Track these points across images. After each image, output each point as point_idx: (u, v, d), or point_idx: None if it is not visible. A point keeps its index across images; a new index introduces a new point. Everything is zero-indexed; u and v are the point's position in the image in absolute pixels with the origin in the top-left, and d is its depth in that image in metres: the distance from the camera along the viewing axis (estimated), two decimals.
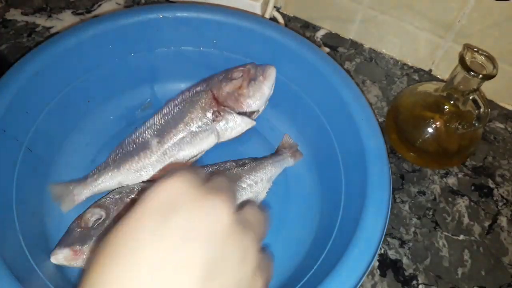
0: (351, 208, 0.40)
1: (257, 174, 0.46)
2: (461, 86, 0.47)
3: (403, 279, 0.45)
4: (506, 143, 0.56)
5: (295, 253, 0.43)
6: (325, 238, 0.40)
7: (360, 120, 0.42)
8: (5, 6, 0.62)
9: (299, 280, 0.38)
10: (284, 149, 0.50)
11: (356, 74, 0.60)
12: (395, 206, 0.49)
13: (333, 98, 0.44)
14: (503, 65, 0.50)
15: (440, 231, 0.48)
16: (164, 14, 0.48)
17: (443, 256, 0.46)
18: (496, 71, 0.44)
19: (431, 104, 0.51)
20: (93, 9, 0.63)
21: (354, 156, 0.41)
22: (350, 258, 0.34)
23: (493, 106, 0.59)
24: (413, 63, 0.62)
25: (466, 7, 0.52)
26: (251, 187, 0.45)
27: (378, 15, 0.58)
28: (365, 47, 0.63)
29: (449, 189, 0.51)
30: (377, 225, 0.36)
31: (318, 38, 0.63)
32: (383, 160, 0.40)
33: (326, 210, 0.45)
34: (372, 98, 0.58)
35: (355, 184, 0.41)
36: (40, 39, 0.59)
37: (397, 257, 0.46)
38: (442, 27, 0.55)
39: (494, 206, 0.50)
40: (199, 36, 0.50)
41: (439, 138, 0.50)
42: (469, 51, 0.45)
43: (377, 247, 0.35)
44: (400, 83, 0.60)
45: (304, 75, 0.47)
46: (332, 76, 0.45)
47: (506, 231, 0.49)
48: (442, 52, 0.58)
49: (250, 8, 0.59)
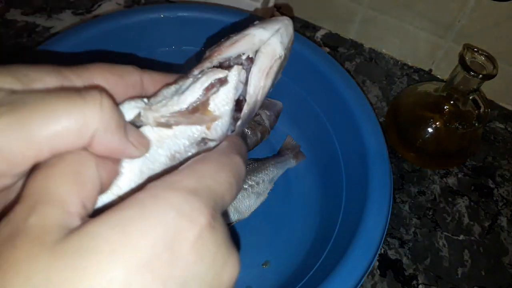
0: (352, 208, 0.40)
1: (259, 175, 0.46)
2: (461, 86, 0.47)
3: (403, 279, 0.45)
4: (506, 143, 0.56)
5: (296, 253, 0.43)
6: (326, 238, 0.40)
7: (361, 121, 0.42)
8: (5, 6, 0.62)
9: (300, 279, 0.38)
10: (286, 150, 0.50)
11: (356, 74, 0.60)
12: (395, 206, 0.49)
13: (335, 99, 0.44)
14: (503, 65, 0.50)
15: (440, 231, 0.48)
16: (165, 14, 0.48)
17: (443, 256, 0.46)
18: (496, 71, 0.44)
19: (431, 104, 0.51)
20: (93, 9, 0.63)
21: (355, 157, 0.42)
22: (350, 258, 0.34)
23: (493, 106, 0.59)
24: (413, 63, 0.62)
25: (466, 7, 0.52)
26: (252, 188, 0.45)
27: (378, 15, 0.58)
28: (365, 47, 0.63)
29: (449, 189, 0.51)
30: (378, 225, 0.36)
31: (318, 38, 0.63)
32: (384, 161, 0.40)
33: (327, 210, 0.45)
34: (372, 98, 0.58)
35: (356, 184, 0.41)
36: (40, 39, 0.58)
37: (397, 257, 0.46)
38: (442, 27, 0.55)
39: (494, 206, 0.51)
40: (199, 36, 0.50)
41: (439, 138, 0.50)
42: (469, 51, 0.45)
43: (377, 247, 0.35)
44: (400, 83, 0.60)
45: (306, 76, 0.47)
46: (334, 76, 0.45)
47: (506, 231, 0.49)
48: (442, 52, 0.58)
49: (250, 8, 0.59)
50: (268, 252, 0.44)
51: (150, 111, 0.20)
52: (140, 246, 0.15)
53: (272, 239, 0.45)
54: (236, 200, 0.44)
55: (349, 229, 0.37)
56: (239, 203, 0.44)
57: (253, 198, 0.44)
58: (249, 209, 0.44)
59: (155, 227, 0.15)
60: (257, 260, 0.43)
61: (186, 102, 0.20)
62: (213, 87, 0.21)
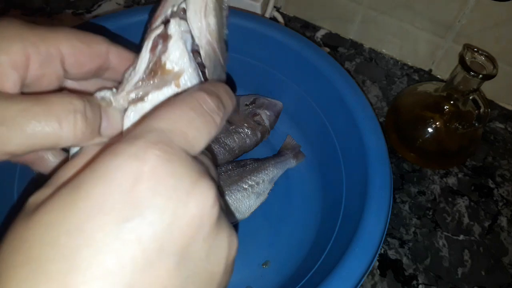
0: (352, 208, 0.40)
1: (259, 175, 0.46)
2: (461, 86, 0.47)
3: (403, 279, 0.45)
4: (506, 143, 0.56)
5: (296, 253, 0.43)
6: (326, 238, 0.40)
7: (361, 121, 0.42)
8: (5, 6, 0.62)
9: (300, 279, 0.38)
10: (286, 150, 0.50)
11: (356, 74, 0.60)
12: (395, 206, 0.49)
13: (335, 99, 0.44)
14: (503, 65, 0.51)
15: (440, 231, 0.48)
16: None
17: (443, 256, 0.46)
18: (496, 71, 0.44)
19: (431, 104, 0.51)
20: (93, 9, 0.63)
21: (355, 157, 0.42)
22: (350, 258, 0.34)
23: (493, 106, 0.59)
24: (413, 63, 0.62)
25: (466, 7, 0.52)
26: (252, 188, 0.45)
27: (378, 15, 0.58)
28: (365, 47, 0.63)
29: (449, 189, 0.51)
30: (378, 225, 0.36)
31: (318, 38, 0.63)
32: (384, 161, 0.40)
33: (327, 210, 0.45)
34: (372, 98, 0.58)
35: (356, 184, 0.41)
36: None
37: (397, 257, 0.46)
38: (442, 27, 0.55)
39: (494, 206, 0.51)
40: None
41: (439, 138, 0.50)
42: (469, 51, 0.45)
43: (377, 247, 0.35)
44: (400, 83, 0.60)
45: (306, 76, 0.47)
46: (334, 77, 0.45)
47: (506, 231, 0.49)
48: (442, 52, 0.58)
49: (250, 8, 0.59)
50: (268, 252, 0.44)
51: (117, 94, 0.21)
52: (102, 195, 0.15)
53: (272, 239, 0.45)
54: (236, 200, 0.44)
55: (349, 229, 0.37)
56: (239, 203, 0.44)
57: (253, 198, 0.44)
58: (249, 209, 0.44)
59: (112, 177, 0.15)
60: (257, 260, 0.43)
61: (141, 70, 0.21)
62: (157, 45, 0.21)
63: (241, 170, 0.46)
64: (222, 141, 0.47)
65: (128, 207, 0.15)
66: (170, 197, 0.16)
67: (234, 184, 0.44)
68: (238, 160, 0.48)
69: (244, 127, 0.48)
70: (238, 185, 0.44)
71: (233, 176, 0.45)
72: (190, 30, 0.22)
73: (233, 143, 0.47)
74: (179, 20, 0.22)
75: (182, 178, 0.16)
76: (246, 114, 0.49)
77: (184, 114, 0.18)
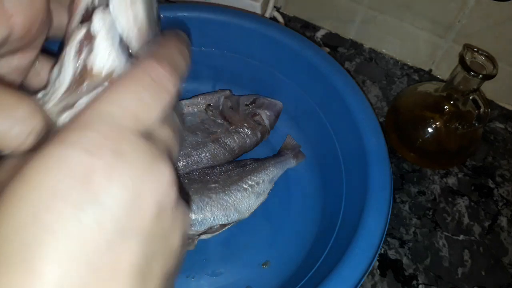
0: (352, 208, 0.40)
1: (259, 175, 0.46)
2: (461, 86, 0.47)
3: (403, 279, 0.45)
4: (506, 143, 0.56)
5: (296, 253, 0.43)
6: (326, 238, 0.40)
7: (361, 121, 0.42)
8: None
9: (300, 279, 0.38)
10: (286, 150, 0.50)
11: (356, 74, 0.60)
12: (395, 206, 0.49)
13: (335, 99, 0.44)
14: (503, 65, 0.51)
15: (440, 231, 0.48)
16: (165, 14, 0.48)
17: (443, 256, 0.46)
18: (496, 71, 0.44)
19: (431, 104, 0.51)
20: None
21: (355, 157, 0.42)
22: (350, 258, 0.34)
23: (493, 106, 0.59)
24: (413, 63, 0.62)
25: (466, 7, 0.52)
26: (252, 188, 0.45)
27: (378, 15, 0.58)
28: (365, 47, 0.63)
29: (449, 189, 0.51)
30: (378, 225, 0.36)
31: (318, 38, 0.63)
32: (384, 161, 0.40)
33: (327, 210, 0.45)
34: (372, 98, 0.58)
35: (356, 184, 0.41)
36: None
37: (397, 257, 0.46)
38: (442, 27, 0.55)
39: (494, 206, 0.51)
40: (200, 35, 0.50)
41: (439, 138, 0.50)
42: (469, 51, 0.45)
43: (378, 247, 0.35)
44: (400, 83, 0.60)
45: (306, 76, 0.47)
46: (334, 77, 0.45)
47: (506, 231, 0.49)
48: (442, 52, 0.58)
49: (250, 8, 0.59)
50: (268, 252, 0.44)
51: (47, 103, 0.19)
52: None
53: (272, 239, 0.45)
54: (236, 200, 0.44)
55: (349, 229, 0.37)
56: (239, 203, 0.44)
57: (253, 198, 0.44)
58: (249, 209, 0.44)
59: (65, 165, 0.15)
60: (257, 260, 0.43)
61: (66, 81, 0.19)
62: (81, 49, 0.19)
63: (241, 170, 0.46)
64: (222, 141, 0.47)
65: (84, 194, 0.15)
66: (126, 183, 0.16)
67: (234, 184, 0.44)
68: (238, 160, 0.48)
69: (244, 127, 0.48)
70: (238, 185, 0.44)
71: (233, 176, 0.45)
72: (115, 22, 0.20)
73: (233, 143, 0.47)
74: (102, 14, 0.19)
75: (136, 165, 0.16)
76: (246, 114, 0.49)
77: (132, 92, 0.17)
